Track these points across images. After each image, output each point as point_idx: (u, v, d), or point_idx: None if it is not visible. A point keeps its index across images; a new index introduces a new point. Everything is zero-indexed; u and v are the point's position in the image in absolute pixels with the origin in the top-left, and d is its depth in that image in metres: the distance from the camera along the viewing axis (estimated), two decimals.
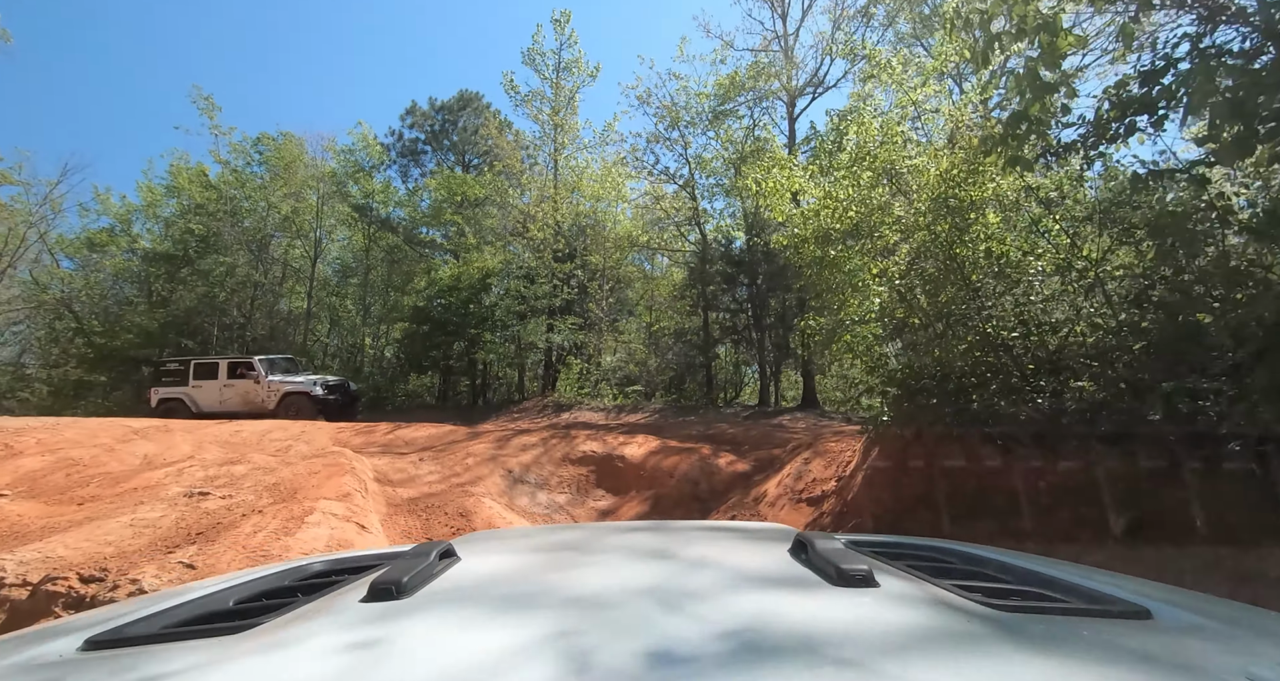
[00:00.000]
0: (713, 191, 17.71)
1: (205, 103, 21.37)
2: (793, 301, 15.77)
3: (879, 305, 4.17)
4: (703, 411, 15.34)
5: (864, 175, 4.66)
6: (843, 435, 7.97)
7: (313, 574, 1.02)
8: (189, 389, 14.93)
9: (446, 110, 25.10)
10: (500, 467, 8.27)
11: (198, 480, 5.52)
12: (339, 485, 5.64)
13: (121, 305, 23.59)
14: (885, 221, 4.38)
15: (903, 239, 4.31)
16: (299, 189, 23.42)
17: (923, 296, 3.95)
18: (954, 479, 4.17)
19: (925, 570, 0.91)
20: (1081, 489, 3.34)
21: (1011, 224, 3.93)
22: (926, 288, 3.90)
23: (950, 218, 3.82)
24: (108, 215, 24.21)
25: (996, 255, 3.64)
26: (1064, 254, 3.78)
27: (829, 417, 14.10)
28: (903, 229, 4.36)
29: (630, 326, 23.06)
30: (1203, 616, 0.75)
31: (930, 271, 3.87)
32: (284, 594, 0.90)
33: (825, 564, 0.85)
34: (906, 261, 4.14)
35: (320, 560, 1.13)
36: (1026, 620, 0.68)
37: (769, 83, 15.62)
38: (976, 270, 3.71)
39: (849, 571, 0.80)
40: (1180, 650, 0.63)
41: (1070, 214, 3.71)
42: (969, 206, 3.78)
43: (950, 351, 3.81)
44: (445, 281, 18.11)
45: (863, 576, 0.79)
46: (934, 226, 3.88)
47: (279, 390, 14.76)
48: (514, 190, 21.16)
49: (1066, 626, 0.67)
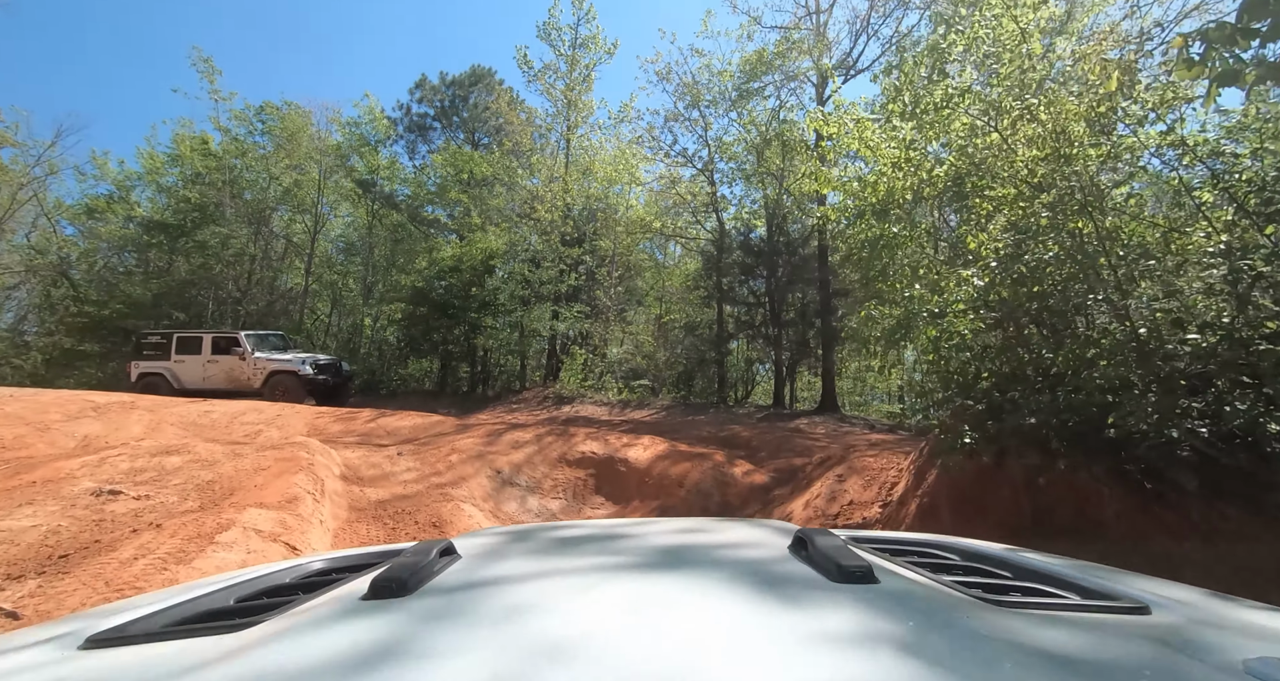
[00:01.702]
0: (732, 176, 16.62)
1: (205, 65, 20.49)
2: (814, 297, 14.74)
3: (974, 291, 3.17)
4: (713, 410, 14.39)
5: (976, 106, 3.57)
6: (880, 449, 7.00)
7: (313, 572, 1.04)
8: (171, 364, 14.11)
9: (457, 85, 24.11)
10: (488, 467, 7.35)
11: (119, 473, 4.63)
12: (287, 486, 4.73)
13: (115, 273, 22.93)
14: (1003, 171, 3.37)
15: (1031, 195, 3.26)
16: (302, 161, 22.55)
17: (1039, 283, 2.94)
18: (1060, 523, 3.20)
19: (926, 566, 0.93)
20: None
21: (1162, 188, 2.98)
22: (1047, 269, 2.91)
23: (1087, 171, 2.84)
24: (106, 180, 23.46)
25: (1165, 230, 2.67)
26: (1232, 232, 2.79)
27: (849, 422, 13.10)
28: (1028, 182, 3.29)
29: (639, 317, 22.09)
30: (1201, 611, 0.76)
31: (1053, 249, 2.89)
32: (284, 591, 0.92)
33: (825, 560, 0.85)
34: (1016, 234, 3.15)
35: (321, 558, 1.14)
36: (1026, 615, 0.69)
37: (799, 60, 14.48)
38: (1125, 250, 2.74)
39: (849, 567, 0.79)
40: (1179, 644, 0.63)
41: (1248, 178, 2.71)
42: (1109, 162, 2.82)
43: (1072, 355, 2.84)
44: (446, 262, 17.18)
45: (863, 572, 0.79)
46: (1068, 180, 2.90)
47: (265, 368, 13.93)
48: (523, 170, 20.19)
49: (1066, 621, 0.68)
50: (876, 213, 4.31)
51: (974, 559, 1.04)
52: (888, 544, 1.13)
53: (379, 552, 1.14)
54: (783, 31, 14.93)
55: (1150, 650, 0.60)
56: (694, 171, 16.83)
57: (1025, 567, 0.96)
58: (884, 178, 3.99)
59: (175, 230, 20.83)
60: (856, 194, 4.40)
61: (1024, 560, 1.01)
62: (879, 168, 4.19)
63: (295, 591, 0.90)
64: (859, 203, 4.36)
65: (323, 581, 0.93)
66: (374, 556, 1.10)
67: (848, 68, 15.81)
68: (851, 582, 0.77)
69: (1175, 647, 0.61)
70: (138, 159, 23.64)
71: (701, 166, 16.44)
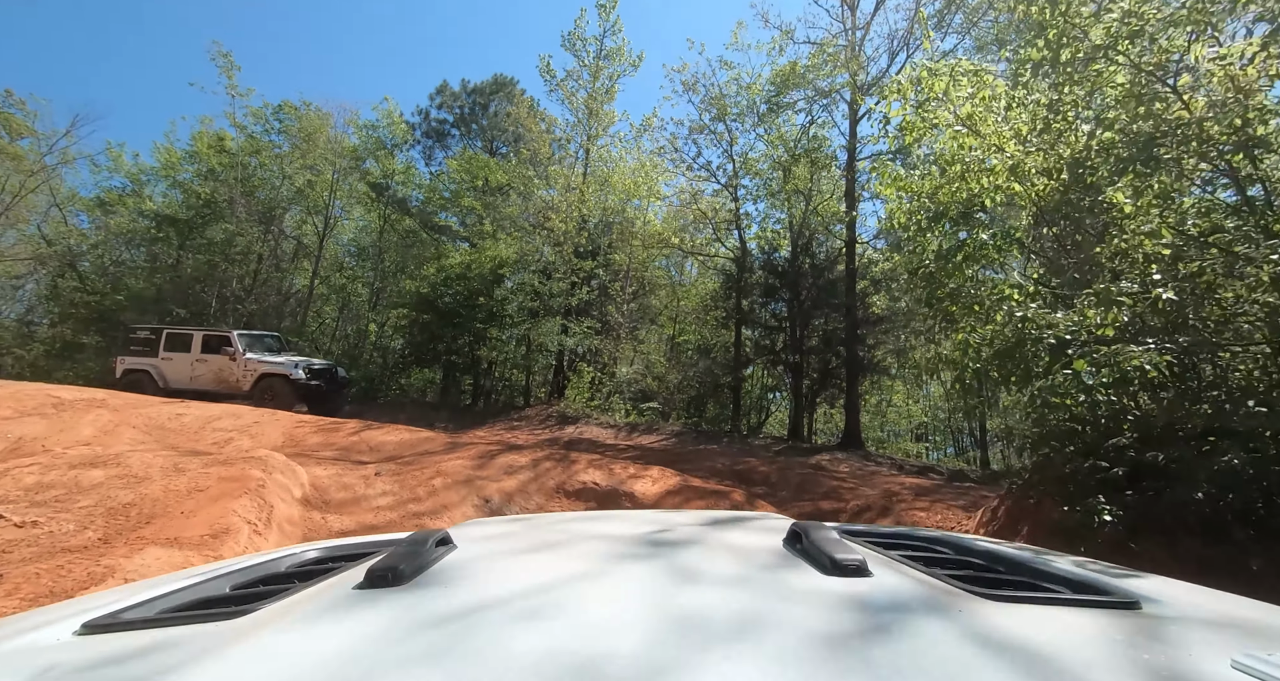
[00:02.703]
0: (757, 194, 15.86)
1: (224, 60, 20.20)
2: (838, 322, 13.85)
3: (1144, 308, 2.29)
4: (726, 439, 13.44)
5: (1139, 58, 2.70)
6: (927, 498, 6.06)
7: (309, 560, 1.03)
8: (158, 360, 13.42)
9: (478, 93, 23.76)
10: (475, 494, 6.47)
11: (18, 490, 3.82)
12: (222, 514, 3.89)
13: (120, 266, 22.58)
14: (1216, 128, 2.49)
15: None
16: (316, 162, 22.18)
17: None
18: None
19: (919, 560, 0.92)
20: None
21: None
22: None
23: None
24: (119, 173, 23.20)
25: None
26: None
27: (874, 461, 12.09)
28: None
29: (651, 336, 21.24)
30: (1191, 607, 0.76)
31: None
32: (280, 580, 0.91)
33: (819, 553, 0.85)
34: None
35: (317, 547, 1.13)
36: (1017, 609, 0.69)
37: (834, 74, 13.79)
38: None
39: (842, 561, 0.80)
40: (1169, 639, 0.63)
41: None
42: None
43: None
44: (455, 269, 16.47)
45: (856, 566, 0.79)
46: None
47: (255, 370, 13.20)
48: (539, 180, 19.62)
49: (1056, 616, 0.68)
50: (959, 216, 3.49)
51: (967, 553, 1.03)
52: (881, 538, 1.13)
53: (376, 542, 1.14)
54: (817, 46, 14.29)
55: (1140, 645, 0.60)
56: (717, 186, 16.11)
57: (1017, 562, 0.95)
58: (993, 160, 3.15)
59: (184, 225, 20.46)
60: (933, 190, 3.57)
61: (1016, 555, 1.01)
62: (979, 152, 3.36)
63: (291, 579, 0.89)
64: (942, 198, 3.51)
65: (319, 570, 0.93)
66: (371, 545, 1.10)
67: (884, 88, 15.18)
68: (845, 576, 0.78)
69: (1165, 643, 0.61)
70: (153, 154, 23.46)
71: (725, 182, 15.71)
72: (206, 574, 0.94)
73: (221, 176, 21.05)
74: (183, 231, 20.45)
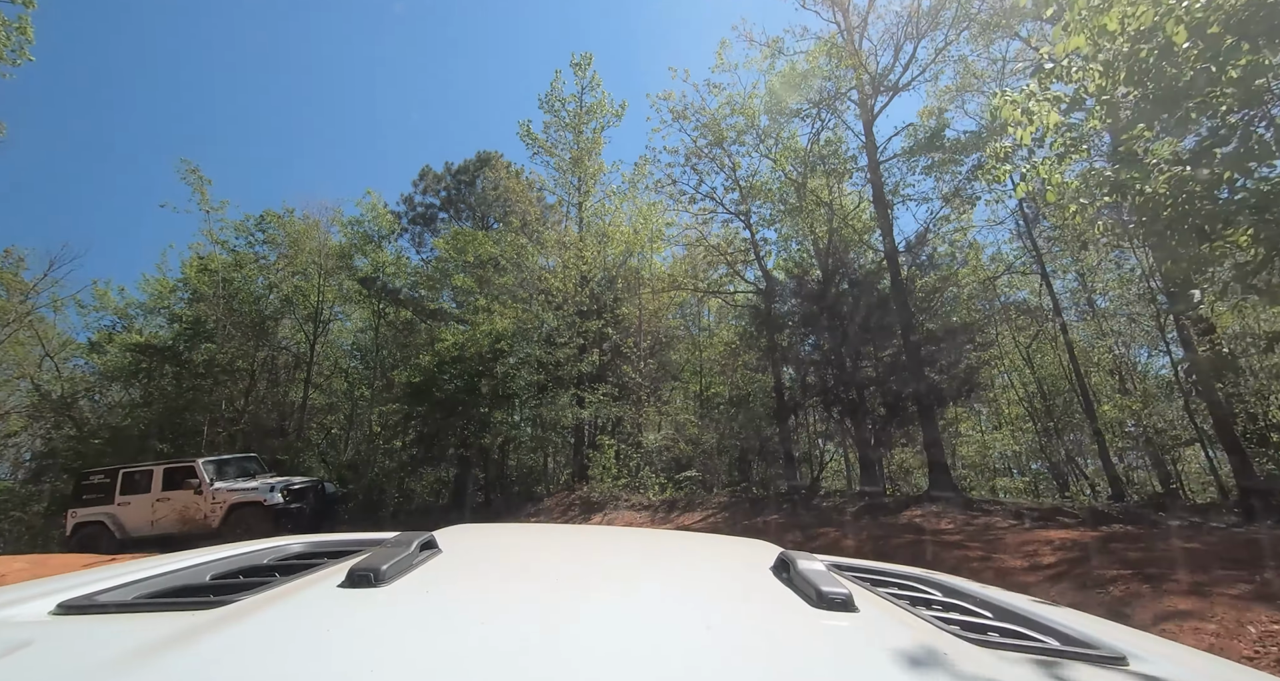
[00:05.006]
0: (773, 217, 14.04)
1: (194, 177, 19.64)
2: (895, 344, 11.52)
3: None
4: (787, 505, 10.92)
5: None
6: (1131, 567, 3.66)
7: (292, 554, 1.02)
8: (114, 508, 11.53)
9: (462, 172, 23.00)
10: None
11: None
12: None
13: (114, 408, 21.44)
14: None
15: None
16: (303, 268, 21.25)
17: None
18: None
19: (906, 599, 0.90)
20: None
21: None
22: None
23: None
24: (107, 310, 22.51)
25: None
26: None
27: (981, 510, 9.46)
28: None
29: (676, 395, 19.02)
30: (1178, 666, 0.74)
31: None
32: (261, 572, 0.92)
33: (806, 585, 0.84)
34: None
35: (300, 541, 1.11)
36: (1004, 658, 0.67)
37: (839, 69, 12.19)
38: None
39: (829, 594, 0.78)
40: None
41: None
42: None
43: None
44: (449, 351, 14.69)
45: (842, 600, 0.77)
46: None
47: (225, 501, 11.26)
48: (533, 247, 18.24)
49: (1044, 667, 0.66)
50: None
51: (954, 595, 1.02)
52: (869, 573, 1.11)
53: (361, 540, 1.11)
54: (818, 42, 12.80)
55: None
56: (726, 217, 14.35)
57: (1005, 609, 0.94)
58: None
59: (170, 352, 19.36)
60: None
61: (1004, 601, 0.99)
62: None
63: (272, 573, 0.89)
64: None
65: (301, 565, 0.92)
66: (355, 543, 1.07)
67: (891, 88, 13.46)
68: (831, 609, 0.76)
69: None
70: (139, 287, 22.84)
71: (734, 210, 13.95)
72: (187, 561, 0.92)
73: (206, 298, 20.16)
74: (168, 358, 19.35)
